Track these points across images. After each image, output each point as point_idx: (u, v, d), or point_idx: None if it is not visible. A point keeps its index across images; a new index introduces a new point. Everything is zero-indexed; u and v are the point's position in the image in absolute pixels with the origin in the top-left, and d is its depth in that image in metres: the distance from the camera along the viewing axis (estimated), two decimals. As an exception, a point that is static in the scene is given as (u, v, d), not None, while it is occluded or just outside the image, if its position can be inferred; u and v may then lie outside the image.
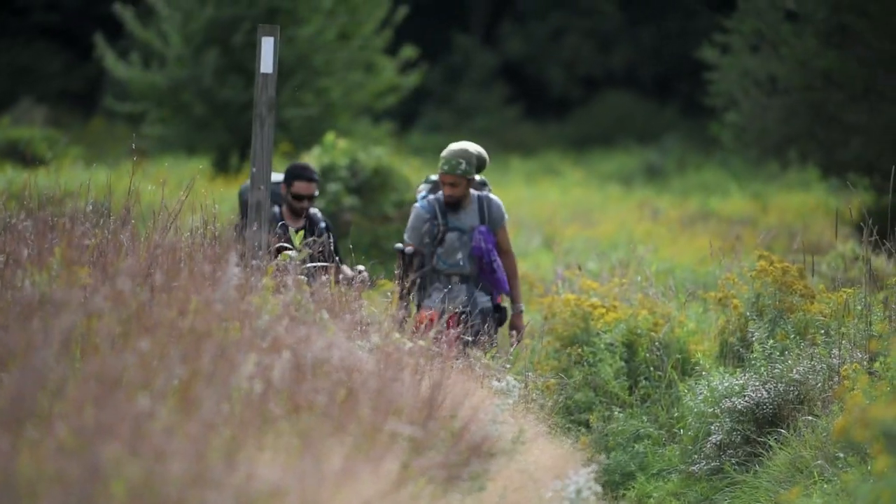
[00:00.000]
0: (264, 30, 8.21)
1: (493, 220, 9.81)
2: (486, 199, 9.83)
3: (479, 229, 9.71)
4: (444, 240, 9.74)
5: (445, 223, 9.75)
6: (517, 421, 6.96)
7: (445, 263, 9.74)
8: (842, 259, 12.12)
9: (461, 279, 9.73)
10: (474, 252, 9.69)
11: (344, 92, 27.10)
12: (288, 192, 10.41)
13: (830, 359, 8.52)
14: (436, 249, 9.74)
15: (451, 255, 9.73)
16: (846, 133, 20.86)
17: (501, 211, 9.86)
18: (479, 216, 9.77)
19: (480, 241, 9.66)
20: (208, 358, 4.85)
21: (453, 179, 9.69)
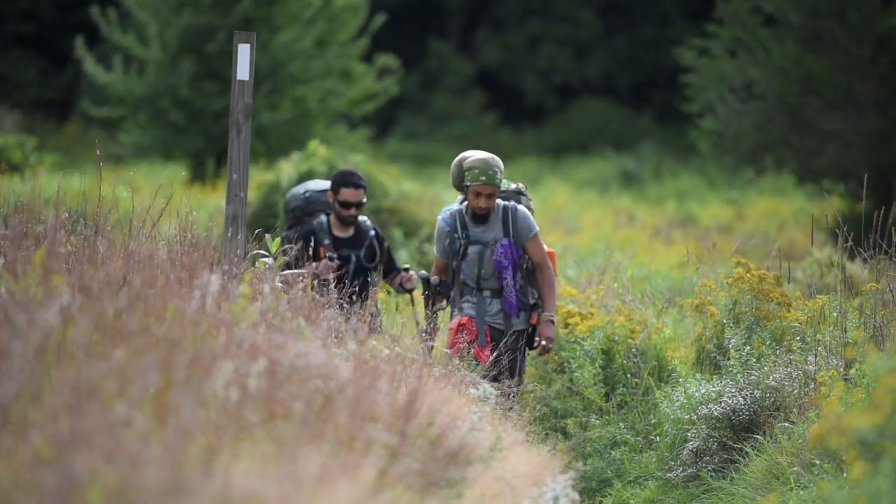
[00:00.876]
0: (240, 37, 8.20)
1: (519, 233, 9.16)
2: (511, 210, 9.18)
3: (500, 242, 9.10)
4: (466, 254, 9.17)
5: (466, 236, 9.18)
6: (494, 428, 6.96)
7: (470, 277, 9.20)
8: (817, 266, 12.15)
9: (492, 293, 9.17)
10: (495, 267, 9.12)
11: (320, 99, 27.09)
12: (335, 199, 9.94)
13: (806, 365, 8.54)
14: (460, 264, 9.19)
15: (473, 269, 9.17)
16: (822, 140, 20.94)
17: (529, 222, 9.18)
18: (504, 228, 9.15)
19: (500, 257, 9.07)
20: (184, 365, 4.84)
21: (492, 190, 9.07)
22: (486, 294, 9.13)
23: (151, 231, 6.92)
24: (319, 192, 10.07)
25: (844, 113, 20.61)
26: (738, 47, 21.70)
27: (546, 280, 9.17)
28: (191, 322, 5.30)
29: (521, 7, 47.73)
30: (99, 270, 5.64)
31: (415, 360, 6.95)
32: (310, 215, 10.09)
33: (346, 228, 10.01)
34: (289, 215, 10.15)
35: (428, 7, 48.09)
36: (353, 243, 10.03)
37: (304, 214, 10.12)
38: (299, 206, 10.11)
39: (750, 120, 21.14)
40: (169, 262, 6.23)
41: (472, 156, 9.10)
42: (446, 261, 9.23)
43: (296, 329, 6.07)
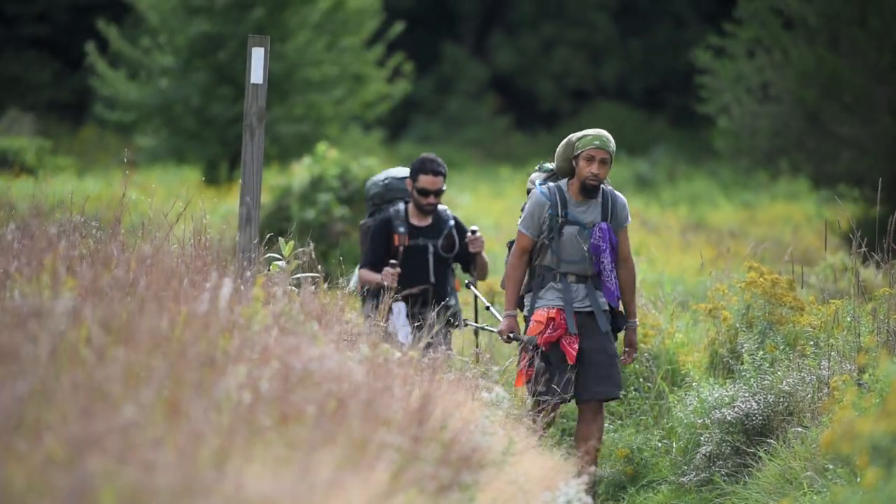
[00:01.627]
0: (254, 40, 8.21)
1: (618, 220, 8.55)
2: (611, 195, 8.55)
3: (599, 225, 8.45)
4: (561, 233, 8.47)
5: (565, 215, 8.48)
6: (507, 432, 6.96)
7: (564, 260, 8.48)
8: (831, 270, 12.13)
9: (577, 279, 8.50)
10: (592, 250, 8.44)
11: (333, 103, 27.12)
12: (413, 187, 9.58)
13: (820, 370, 8.53)
14: (551, 244, 8.49)
15: (567, 252, 8.47)
16: (838, 144, 20.90)
17: (626, 211, 8.60)
18: (602, 212, 8.51)
19: (599, 240, 8.43)
20: (196, 368, 4.84)
21: (605, 156, 8.42)
22: (571, 279, 8.49)
23: (166, 235, 6.93)
24: (399, 180, 9.72)
25: (861, 118, 20.57)
26: (756, 48, 21.67)
27: (631, 277, 8.62)
28: (203, 325, 5.30)
29: (534, 11, 47.71)
30: (111, 273, 5.65)
31: (428, 363, 6.95)
32: (389, 203, 9.75)
33: (425, 217, 9.66)
34: (368, 203, 9.80)
35: (442, 11, 48.10)
36: (431, 232, 9.69)
37: (382, 202, 9.76)
38: (378, 193, 9.75)
39: (766, 122, 21.11)
40: (182, 265, 6.24)
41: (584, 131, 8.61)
42: (534, 238, 8.54)
43: (308, 332, 6.08)
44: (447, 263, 9.69)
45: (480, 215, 23.68)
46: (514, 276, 8.58)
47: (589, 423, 8.44)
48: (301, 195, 17.82)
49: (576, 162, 8.48)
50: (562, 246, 8.47)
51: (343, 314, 7.12)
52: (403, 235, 9.56)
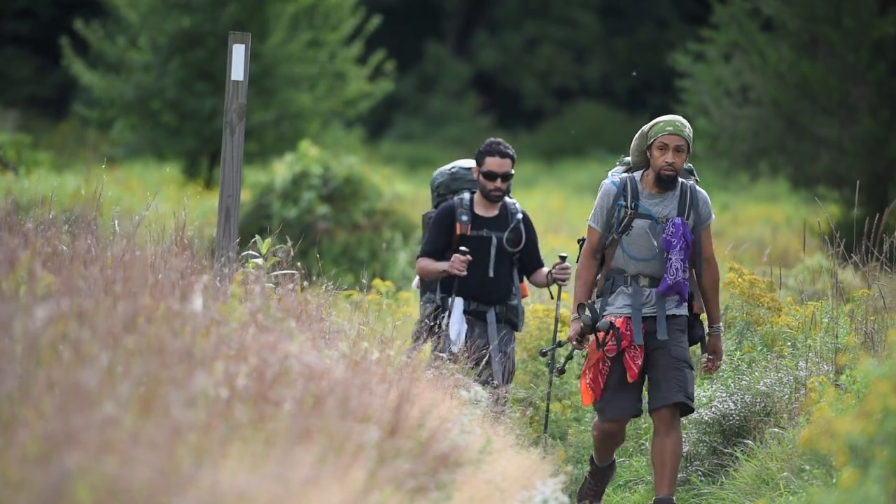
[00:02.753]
0: (235, 37, 8.20)
1: (699, 216, 7.83)
2: (691, 189, 7.82)
3: (673, 220, 7.73)
4: (630, 227, 7.80)
5: (635, 206, 7.80)
6: (485, 431, 6.97)
7: (631, 257, 7.81)
8: (809, 272, 12.17)
9: (651, 282, 7.80)
10: (664, 246, 7.74)
11: (313, 100, 27.11)
12: (479, 172, 8.89)
13: (797, 371, 8.56)
14: (620, 238, 7.81)
15: (637, 248, 7.80)
16: (817, 146, 20.96)
17: (709, 207, 7.88)
18: (679, 206, 7.80)
19: (671, 235, 7.72)
20: (173, 364, 4.84)
21: (680, 142, 7.74)
22: (644, 283, 7.80)
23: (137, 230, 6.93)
24: (466, 170, 9.08)
25: (839, 119, 20.64)
26: (734, 51, 21.73)
27: (714, 279, 7.90)
28: (180, 321, 5.30)
29: (518, 8, 47.74)
30: (88, 270, 5.64)
31: (406, 362, 6.95)
32: (454, 193, 9.08)
33: (491, 207, 8.95)
34: (434, 194, 9.18)
35: (425, 9, 48.09)
36: (497, 224, 8.98)
37: (448, 192, 9.10)
38: (444, 182, 9.11)
39: (745, 124, 21.17)
40: (161, 262, 6.23)
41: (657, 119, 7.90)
42: (604, 232, 7.88)
43: (286, 330, 6.08)
44: (511, 259, 9.00)
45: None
46: (584, 276, 7.90)
47: (662, 437, 7.71)
48: (283, 193, 17.81)
49: (649, 152, 7.78)
50: (630, 241, 7.80)
51: (322, 312, 7.12)
52: (466, 224, 8.90)
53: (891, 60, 20.23)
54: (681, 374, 7.71)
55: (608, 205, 7.84)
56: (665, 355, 7.74)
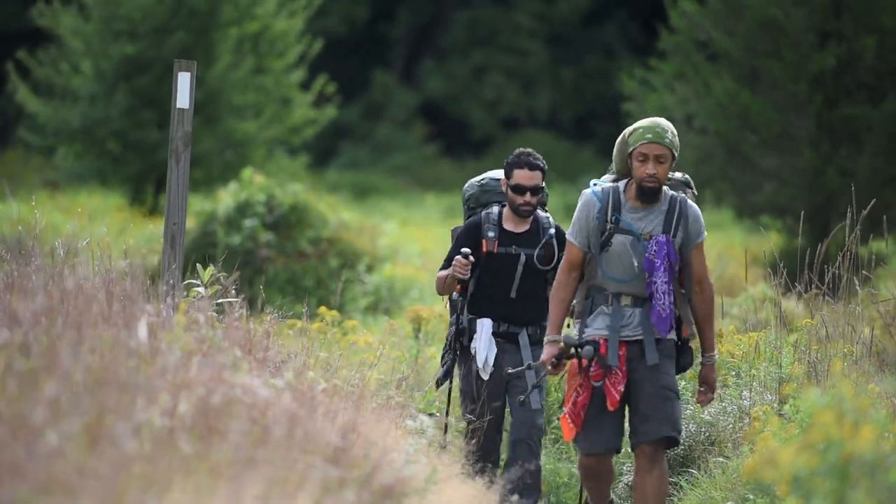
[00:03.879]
0: (181, 65, 8.19)
1: (688, 234, 7.16)
2: (681, 203, 7.17)
3: (657, 238, 7.08)
4: (610, 243, 7.14)
5: (616, 220, 7.14)
6: (430, 460, 6.96)
7: (610, 277, 7.15)
8: (753, 301, 12.24)
9: (633, 301, 7.14)
10: (646, 266, 7.08)
11: (259, 127, 27.08)
12: (507, 185, 8.31)
13: (741, 400, 8.60)
14: (599, 256, 7.16)
15: (616, 267, 7.14)
16: (759, 176, 21.12)
17: (700, 224, 7.20)
18: (665, 222, 7.13)
19: (654, 255, 7.05)
20: (117, 394, 4.81)
21: (661, 151, 7.10)
22: (626, 302, 7.14)
23: (81, 258, 6.89)
24: (496, 181, 8.48)
25: (780, 150, 20.82)
26: (679, 80, 21.89)
27: (707, 301, 7.19)
28: (125, 351, 5.27)
29: (465, 37, 47.84)
30: (30, 300, 5.60)
31: (352, 391, 6.94)
32: (484, 206, 8.49)
33: (521, 222, 8.35)
34: (464, 207, 8.61)
35: (372, 38, 48.14)
36: (526, 240, 8.35)
37: (478, 205, 8.51)
38: (473, 194, 8.54)
39: (689, 153, 21.30)
40: (104, 291, 6.20)
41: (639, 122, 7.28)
42: (584, 249, 7.21)
43: (231, 359, 6.06)
44: (544, 277, 8.32)
45: (406, 243, 23.69)
46: (560, 296, 7.21)
47: (643, 474, 7.14)
48: (227, 220, 17.77)
49: (630, 162, 7.16)
50: (609, 259, 7.14)
51: (268, 341, 7.10)
52: (493, 241, 8.30)
53: (829, 93, 20.44)
54: (669, 406, 7.09)
55: (587, 217, 7.18)
56: (651, 384, 7.09)
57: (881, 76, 20.35)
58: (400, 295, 18.41)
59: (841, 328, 8.63)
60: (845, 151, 20.49)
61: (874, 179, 20.09)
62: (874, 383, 7.71)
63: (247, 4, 26.80)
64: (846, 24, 20.39)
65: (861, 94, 20.48)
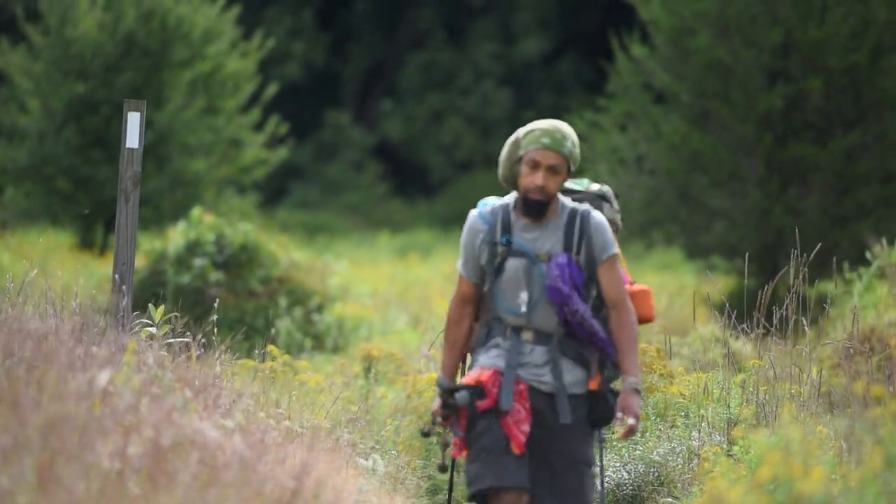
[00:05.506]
0: (130, 104, 8.19)
1: (592, 250, 6.11)
2: (582, 216, 6.14)
3: (556, 259, 6.04)
4: (503, 269, 6.09)
5: (507, 242, 6.10)
6: (380, 500, 6.96)
7: (506, 309, 6.08)
8: (702, 341, 12.30)
9: (536, 337, 6.06)
10: (550, 296, 6.02)
11: (209, 167, 27.06)
12: None
13: (690, 441, 8.63)
14: (493, 286, 6.11)
15: (512, 295, 6.07)
16: (709, 217, 21.25)
17: (605, 236, 6.15)
18: (565, 240, 6.10)
19: (557, 280, 6.00)
20: (67, 438, 4.79)
21: (556, 161, 6.08)
22: (527, 337, 6.06)
23: (30, 300, 6.86)
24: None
25: (730, 190, 20.96)
26: (628, 122, 22.04)
27: (625, 327, 6.10)
28: (74, 394, 5.25)
29: (421, 78, 47.89)
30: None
31: (303, 432, 6.93)
32: None
33: None
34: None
35: (325, 77, 48.15)
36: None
37: None
38: None
39: (639, 194, 21.42)
40: (53, 332, 6.17)
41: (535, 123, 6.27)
42: (475, 281, 6.14)
43: (181, 400, 6.04)
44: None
45: (357, 282, 23.67)
46: (453, 335, 6.18)
47: None
48: (176, 259, 17.73)
49: (518, 168, 6.19)
50: (502, 287, 6.08)
51: (218, 381, 7.08)
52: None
53: (778, 133, 20.63)
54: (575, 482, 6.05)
55: (473, 241, 6.14)
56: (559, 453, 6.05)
57: (829, 116, 20.55)
58: (350, 333, 18.41)
59: (788, 369, 8.69)
60: (794, 191, 20.67)
61: (823, 219, 20.27)
62: (822, 424, 7.76)
63: (199, 44, 26.80)
64: (794, 64, 20.60)
65: (809, 135, 20.68)
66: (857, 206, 20.33)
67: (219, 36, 27.14)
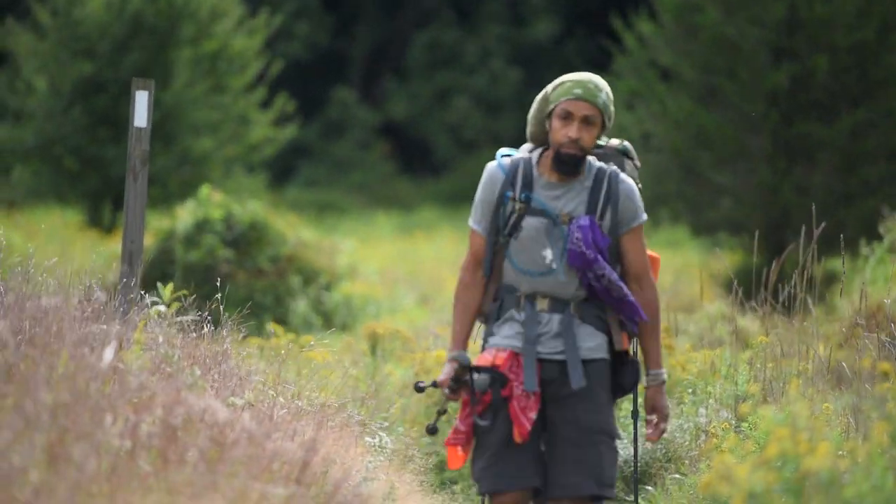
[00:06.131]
0: (138, 83, 8.20)
1: (618, 215, 5.62)
2: (611, 177, 5.63)
3: (578, 222, 5.54)
4: (520, 227, 5.60)
5: (526, 199, 5.59)
6: (389, 477, 6.99)
7: (521, 270, 5.58)
8: (709, 319, 12.32)
9: (552, 304, 5.56)
10: (571, 260, 5.53)
11: (216, 145, 27.08)
12: None
13: (697, 417, 8.65)
14: (507, 245, 5.62)
15: (529, 257, 5.58)
16: (715, 194, 21.27)
17: (635, 203, 5.67)
18: (590, 201, 5.60)
19: (580, 244, 5.50)
20: (78, 416, 4.83)
21: (590, 111, 5.59)
22: (542, 306, 5.56)
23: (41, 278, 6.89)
24: None
25: (736, 168, 20.97)
26: (635, 100, 22.03)
27: (650, 306, 5.66)
28: (84, 371, 5.28)
29: (427, 57, 47.80)
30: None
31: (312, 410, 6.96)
32: None
33: None
34: None
35: (331, 56, 48.09)
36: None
37: None
38: None
39: (646, 172, 21.43)
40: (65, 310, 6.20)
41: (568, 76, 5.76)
42: (486, 236, 5.65)
43: (190, 378, 6.07)
44: None
45: (364, 261, 23.71)
46: (464, 300, 5.67)
47: None
48: (185, 238, 17.77)
49: (549, 123, 5.67)
50: (519, 247, 5.59)
51: (227, 359, 7.12)
52: None
53: (784, 110, 20.61)
54: (594, 453, 5.51)
55: (491, 195, 5.64)
56: (572, 423, 5.53)
57: (835, 94, 20.54)
58: (358, 312, 18.46)
59: (796, 346, 8.72)
60: (800, 168, 20.67)
61: (829, 197, 20.27)
62: (829, 401, 7.79)
63: (206, 22, 26.81)
64: (799, 42, 20.57)
65: (815, 112, 20.67)
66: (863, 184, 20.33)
67: (225, 13, 27.15)
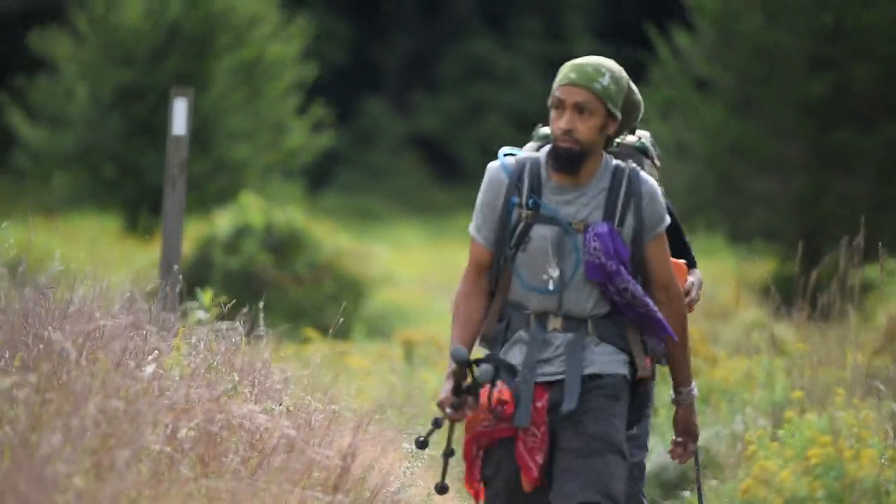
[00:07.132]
0: (177, 91, 8.25)
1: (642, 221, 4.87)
2: (630, 177, 4.90)
3: (595, 229, 4.82)
4: (527, 238, 4.88)
5: (534, 204, 4.90)
6: (426, 483, 7.01)
7: (529, 287, 4.86)
8: (744, 326, 12.31)
9: (566, 324, 4.85)
10: (589, 274, 4.82)
11: (254, 152, 27.20)
12: None
13: (734, 425, 8.65)
14: (514, 258, 4.89)
15: (537, 271, 4.86)
16: (751, 202, 21.24)
17: (659, 205, 4.91)
18: (607, 205, 4.87)
19: (599, 254, 4.79)
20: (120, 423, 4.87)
21: (583, 97, 4.84)
22: (555, 325, 4.85)
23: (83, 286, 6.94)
24: None
25: (772, 175, 20.94)
26: (670, 110, 22.03)
27: (677, 317, 4.95)
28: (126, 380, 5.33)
29: (460, 70, 47.71)
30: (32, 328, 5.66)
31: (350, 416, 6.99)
32: None
33: None
34: None
35: (364, 65, 48.15)
36: None
37: None
38: None
39: (681, 181, 21.41)
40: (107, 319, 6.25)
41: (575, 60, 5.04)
42: (492, 248, 4.93)
43: (230, 384, 6.11)
44: None
45: (399, 267, 23.75)
46: (465, 312, 4.93)
47: None
48: (225, 244, 17.85)
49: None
50: (527, 260, 4.86)
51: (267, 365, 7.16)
52: None
53: (820, 119, 20.57)
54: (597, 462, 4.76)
55: (496, 203, 4.96)
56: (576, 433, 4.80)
57: (872, 105, 20.49)
58: (394, 318, 18.51)
59: (833, 354, 8.71)
60: (836, 177, 20.62)
61: (865, 205, 20.22)
62: (869, 409, 7.78)
63: (243, 30, 26.94)
64: (840, 51, 20.53)
65: (852, 122, 20.62)
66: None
67: (262, 19, 27.29)
